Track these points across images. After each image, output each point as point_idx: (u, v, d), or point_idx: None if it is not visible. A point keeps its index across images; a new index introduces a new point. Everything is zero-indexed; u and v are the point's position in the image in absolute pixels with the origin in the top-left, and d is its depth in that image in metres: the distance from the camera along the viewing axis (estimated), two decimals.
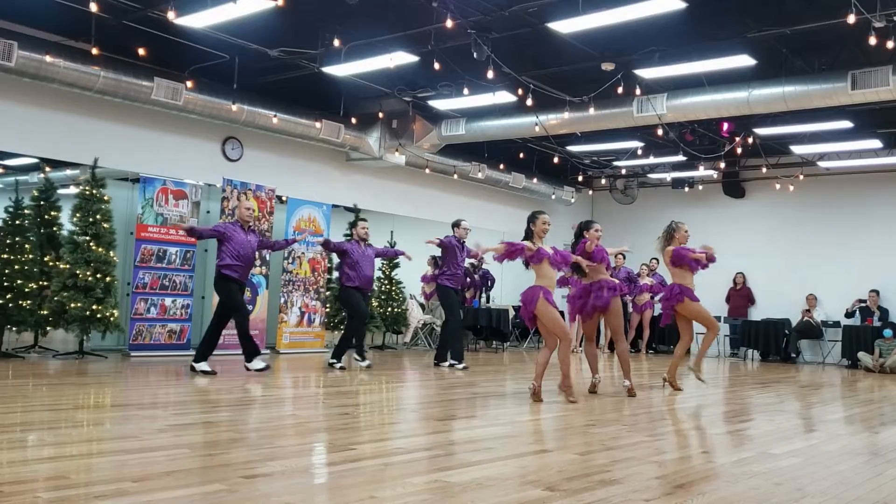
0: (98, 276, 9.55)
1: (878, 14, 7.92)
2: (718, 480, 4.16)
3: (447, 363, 10.37)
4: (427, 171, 13.99)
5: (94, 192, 9.84)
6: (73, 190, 10.62)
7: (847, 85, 9.69)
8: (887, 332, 13.32)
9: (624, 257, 14.69)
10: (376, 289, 13.51)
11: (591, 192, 18.69)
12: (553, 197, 16.89)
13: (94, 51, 9.15)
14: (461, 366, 10.22)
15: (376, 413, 6.58)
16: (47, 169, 10.70)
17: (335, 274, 13.10)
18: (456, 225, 10.53)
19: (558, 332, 7.15)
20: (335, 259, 13.20)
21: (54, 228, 10.24)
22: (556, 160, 15.27)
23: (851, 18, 7.61)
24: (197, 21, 8.68)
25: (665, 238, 8.63)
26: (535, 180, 16.19)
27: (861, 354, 13.58)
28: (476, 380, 9.05)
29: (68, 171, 11.73)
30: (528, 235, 7.38)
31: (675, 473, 4.31)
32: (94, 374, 8.21)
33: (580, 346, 14.91)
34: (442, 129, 13.15)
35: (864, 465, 4.89)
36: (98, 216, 9.76)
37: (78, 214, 9.73)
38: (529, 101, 10.79)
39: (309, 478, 4.00)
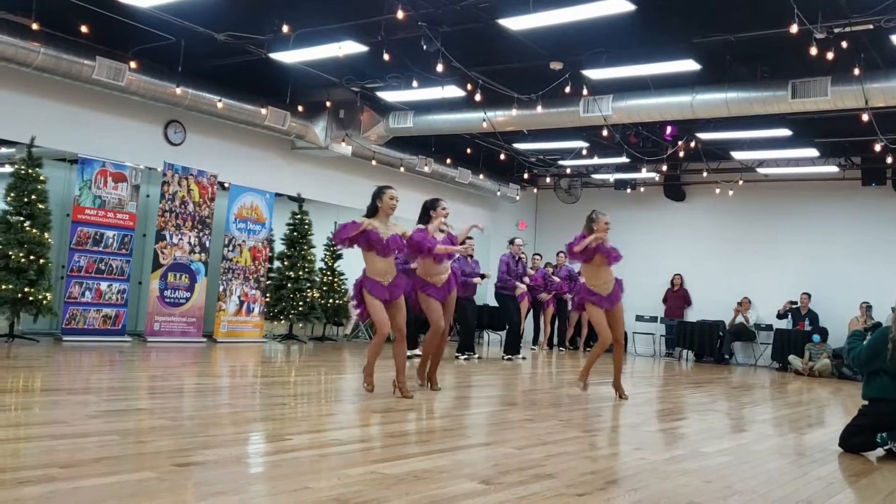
0: (31, 257, 9.30)
1: (820, 26, 8.12)
2: (650, 477, 4.23)
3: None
4: (373, 162, 13.91)
5: (30, 171, 9.58)
6: (7, 169, 10.30)
7: (787, 94, 9.91)
8: (816, 338, 13.69)
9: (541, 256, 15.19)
10: (318, 279, 13.41)
11: (535, 191, 18.83)
12: (498, 193, 16.97)
13: (34, 26, 8.87)
14: None
15: (313, 404, 6.53)
16: None
17: (276, 263, 12.99)
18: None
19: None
20: (277, 248, 13.11)
21: None
22: (502, 157, 15.32)
23: (794, 28, 7.78)
24: (143, 0, 8.49)
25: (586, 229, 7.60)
26: (481, 176, 16.25)
27: (791, 358, 13.94)
28: (413, 373, 9.03)
29: (3, 150, 11.38)
30: (373, 213, 6.86)
31: (608, 469, 4.37)
32: (24, 358, 7.99)
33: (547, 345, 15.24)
34: (390, 121, 13.09)
35: (791, 464, 5.02)
36: (33, 196, 9.51)
37: (12, 194, 9.46)
38: (478, 97, 10.81)
39: (243, 467, 3.96)
